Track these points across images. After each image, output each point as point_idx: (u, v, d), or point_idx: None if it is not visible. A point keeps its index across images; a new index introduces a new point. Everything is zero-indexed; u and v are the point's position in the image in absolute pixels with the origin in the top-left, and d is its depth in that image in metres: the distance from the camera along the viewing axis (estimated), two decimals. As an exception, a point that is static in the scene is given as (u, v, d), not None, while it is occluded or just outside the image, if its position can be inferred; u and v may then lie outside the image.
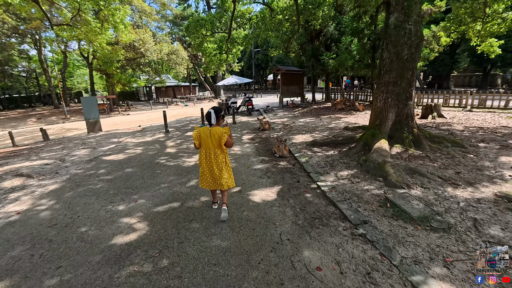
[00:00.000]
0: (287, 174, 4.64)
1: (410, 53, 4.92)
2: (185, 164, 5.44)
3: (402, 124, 5.24)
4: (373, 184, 3.94)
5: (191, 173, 4.86)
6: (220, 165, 3.06)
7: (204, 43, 12.13)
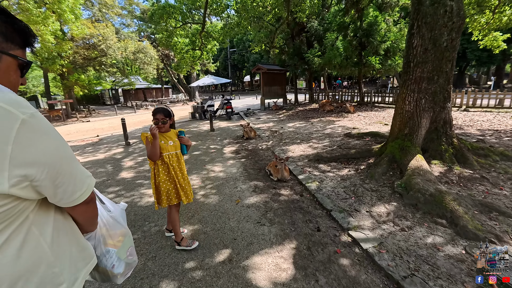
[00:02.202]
0: (296, 213, 3.13)
1: (451, 39, 3.66)
2: (143, 201, 3.72)
3: (439, 133, 3.98)
4: (436, 232, 2.56)
5: (150, 219, 3.17)
6: None
7: (174, 37, 10.31)
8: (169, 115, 2.29)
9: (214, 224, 2.96)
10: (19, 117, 0.55)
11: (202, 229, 2.87)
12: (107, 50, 18.52)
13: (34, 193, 0.62)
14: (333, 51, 11.62)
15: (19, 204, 0.61)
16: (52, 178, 0.63)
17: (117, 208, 1.14)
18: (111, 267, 0.99)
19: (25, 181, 0.58)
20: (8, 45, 0.64)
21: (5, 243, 0.60)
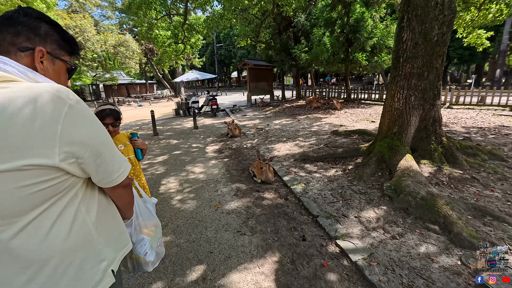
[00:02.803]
0: (280, 220, 2.88)
1: (441, 33, 3.49)
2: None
3: (428, 132, 3.83)
4: (429, 239, 2.38)
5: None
6: None
7: (155, 30, 9.77)
8: (119, 117, 1.92)
9: (189, 234, 2.66)
10: (67, 103, 0.63)
11: (175, 241, 2.57)
12: (85, 43, 17.51)
13: (80, 170, 0.69)
14: (320, 47, 11.44)
15: (68, 179, 0.68)
16: (94, 157, 0.69)
17: (150, 201, 1.20)
18: (144, 254, 1.07)
19: (72, 157, 0.64)
20: (60, 52, 0.79)
21: (58, 219, 0.67)
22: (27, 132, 0.58)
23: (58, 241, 0.67)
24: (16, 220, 0.62)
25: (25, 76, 0.68)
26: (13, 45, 0.70)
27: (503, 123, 6.93)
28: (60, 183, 0.66)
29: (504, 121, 7.27)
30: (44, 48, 0.74)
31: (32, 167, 0.60)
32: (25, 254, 0.63)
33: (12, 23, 0.70)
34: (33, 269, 0.64)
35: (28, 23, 0.72)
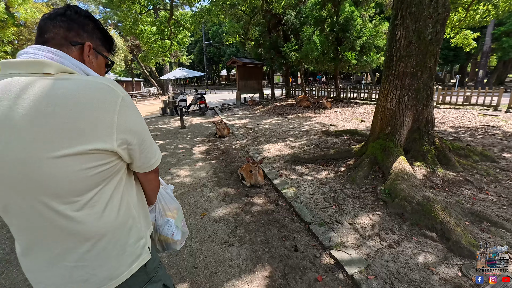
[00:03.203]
0: (271, 228, 2.70)
1: (435, 32, 3.40)
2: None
3: (421, 133, 3.75)
4: (426, 247, 2.26)
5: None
6: None
7: (139, 25, 9.35)
8: None
9: (171, 246, 2.44)
10: (120, 95, 0.70)
11: (156, 254, 2.34)
12: (67, 38, 16.70)
13: (128, 155, 0.76)
14: (310, 45, 11.35)
15: (118, 163, 0.75)
16: (139, 144, 0.77)
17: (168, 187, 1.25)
18: (171, 235, 1.13)
19: (125, 144, 0.72)
20: (102, 48, 0.87)
21: (110, 199, 0.74)
22: (91, 120, 0.65)
23: (111, 219, 0.75)
24: (79, 198, 0.68)
25: (77, 68, 0.74)
26: (66, 39, 0.76)
27: (488, 123, 7.03)
28: (112, 166, 0.73)
29: (490, 120, 7.39)
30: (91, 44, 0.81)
31: (96, 151, 0.66)
32: (85, 229, 0.70)
33: (65, 19, 0.76)
34: (91, 242, 0.72)
35: (78, 20, 0.79)
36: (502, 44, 16.39)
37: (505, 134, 5.70)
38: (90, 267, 0.74)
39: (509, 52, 16.50)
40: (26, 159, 0.62)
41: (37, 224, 0.69)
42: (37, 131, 0.61)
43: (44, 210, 0.67)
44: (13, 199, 0.67)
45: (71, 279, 0.73)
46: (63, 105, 0.62)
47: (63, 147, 0.62)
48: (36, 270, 0.75)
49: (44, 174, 0.63)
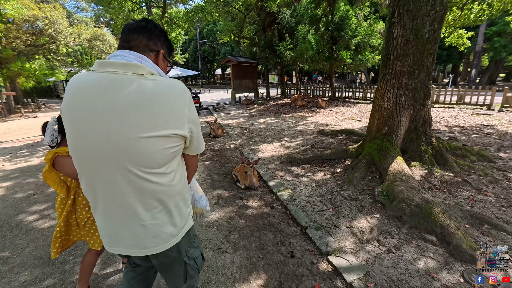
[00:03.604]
0: (266, 233, 2.60)
1: (433, 30, 3.34)
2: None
3: (418, 133, 3.69)
4: (427, 252, 2.19)
5: (77, 251, 2.43)
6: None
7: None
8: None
9: (162, 254, 2.32)
10: (188, 94, 0.91)
11: (145, 262, 2.22)
12: (57, 36, 16.32)
13: (189, 141, 0.98)
14: (305, 44, 11.27)
15: (183, 145, 0.98)
16: (197, 132, 0.99)
17: None
18: (205, 206, 1.44)
19: (190, 131, 0.94)
20: (167, 55, 1.06)
21: (177, 172, 0.99)
22: (172, 112, 0.87)
23: (176, 187, 0.98)
24: (159, 169, 0.90)
25: (155, 70, 0.91)
26: (147, 46, 0.95)
27: (483, 122, 7.05)
28: (180, 148, 0.95)
29: (484, 120, 7.42)
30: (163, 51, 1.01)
31: (174, 135, 0.89)
32: (161, 191, 0.93)
33: (147, 31, 0.96)
34: (162, 203, 0.95)
35: (155, 32, 0.98)
36: (494, 44, 16.60)
37: (500, 133, 5.71)
38: (160, 225, 0.96)
39: (501, 52, 16.72)
40: (126, 138, 0.82)
41: (123, 190, 0.89)
42: (135, 118, 0.81)
43: (134, 178, 0.87)
44: (110, 169, 0.86)
45: (146, 235, 0.95)
46: (154, 100, 0.83)
47: (153, 131, 0.83)
48: (115, 230, 0.96)
49: (138, 149, 0.84)
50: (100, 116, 0.82)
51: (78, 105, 0.84)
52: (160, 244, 0.97)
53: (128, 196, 0.89)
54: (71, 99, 0.86)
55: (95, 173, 0.89)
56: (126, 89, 0.82)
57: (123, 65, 0.84)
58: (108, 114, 0.81)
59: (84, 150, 0.87)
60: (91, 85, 0.84)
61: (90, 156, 0.87)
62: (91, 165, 0.89)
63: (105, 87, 0.82)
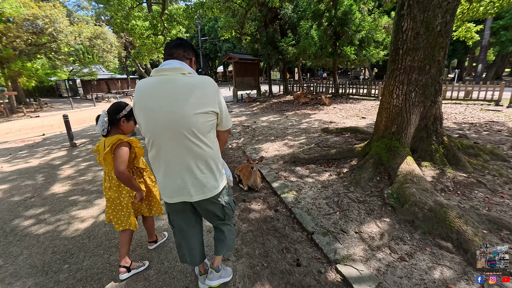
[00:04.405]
0: (270, 239, 2.47)
1: (445, 22, 3.16)
2: (71, 229, 2.82)
3: (429, 131, 3.53)
4: (442, 260, 2.04)
5: (72, 259, 2.32)
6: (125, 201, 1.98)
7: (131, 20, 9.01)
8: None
9: (161, 263, 2.20)
10: (216, 85, 1.38)
11: (143, 272, 2.10)
12: (57, 35, 16.22)
13: (219, 117, 1.44)
14: (308, 40, 11.05)
15: (215, 120, 1.43)
16: (224, 112, 1.45)
17: None
18: (229, 175, 1.69)
19: (219, 110, 1.39)
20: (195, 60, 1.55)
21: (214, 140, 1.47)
22: (208, 96, 1.33)
23: (215, 150, 1.47)
24: (205, 139, 1.38)
25: (191, 70, 1.39)
26: (184, 56, 1.45)
27: (492, 119, 6.85)
28: (214, 121, 1.42)
29: (493, 116, 7.20)
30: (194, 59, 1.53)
31: (211, 112, 1.35)
32: (206, 153, 1.40)
33: (182, 46, 1.46)
34: (208, 162, 1.42)
35: (188, 46, 1.49)
36: (501, 38, 16.21)
37: (511, 130, 5.51)
38: (207, 177, 1.43)
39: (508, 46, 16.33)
40: (184, 115, 1.27)
41: (182, 152, 1.35)
42: (187, 100, 1.27)
43: (189, 143, 1.34)
44: (173, 138, 1.32)
45: (198, 185, 1.42)
46: (196, 89, 1.29)
47: (199, 108, 1.29)
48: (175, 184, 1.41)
49: (191, 122, 1.29)
50: (164, 102, 1.28)
51: (148, 96, 1.30)
52: (207, 192, 1.46)
53: (185, 157, 1.37)
54: (142, 92, 1.32)
55: (162, 142, 1.35)
56: (177, 83, 1.29)
57: (172, 69, 1.33)
58: (169, 100, 1.28)
59: (155, 126, 1.32)
60: (155, 83, 1.30)
61: (159, 130, 1.32)
62: (160, 136, 1.34)
63: (165, 83, 1.29)
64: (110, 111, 1.85)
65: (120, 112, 1.86)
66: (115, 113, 1.85)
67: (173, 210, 1.58)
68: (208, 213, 1.59)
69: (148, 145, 1.40)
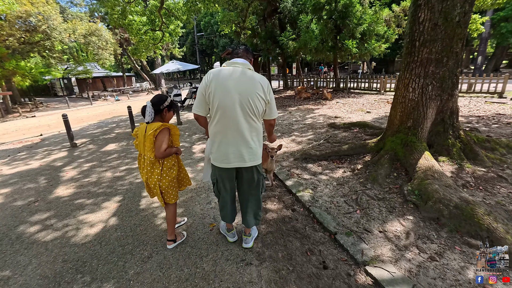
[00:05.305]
0: (292, 240, 2.38)
1: (463, 12, 3.05)
2: (80, 235, 2.70)
3: (445, 125, 3.44)
4: (474, 260, 1.96)
5: (86, 268, 2.20)
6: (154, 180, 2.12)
7: (128, 15, 8.77)
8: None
9: (180, 269, 2.09)
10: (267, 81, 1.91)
11: (163, 279, 1.99)
12: (51, 32, 15.81)
13: (267, 107, 1.90)
14: (309, 34, 10.89)
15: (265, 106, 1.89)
16: (271, 102, 1.91)
17: None
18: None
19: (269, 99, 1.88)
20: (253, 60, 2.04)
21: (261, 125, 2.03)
22: (263, 87, 1.81)
23: (262, 127, 1.99)
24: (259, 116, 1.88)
25: (251, 68, 1.88)
26: (246, 56, 1.93)
27: (498, 111, 6.80)
28: (264, 106, 1.86)
29: (498, 108, 7.16)
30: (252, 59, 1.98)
31: (263, 99, 1.83)
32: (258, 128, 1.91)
33: (247, 50, 1.97)
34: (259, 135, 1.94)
35: (248, 50, 1.97)
36: (501, 30, 16.14)
37: (520, 122, 5.46)
38: (257, 147, 1.93)
39: (508, 38, 16.28)
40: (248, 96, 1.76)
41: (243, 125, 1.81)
42: (253, 87, 1.77)
43: (249, 119, 1.82)
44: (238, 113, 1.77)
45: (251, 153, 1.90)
46: (256, 79, 1.80)
47: (258, 95, 1.78)
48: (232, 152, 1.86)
49: (254, 102, 1.78)
50: (239, 85, 1.75)
51: (226, 79, 1.75)
52: (257, 160, 1.94)
53: (245, 129, 1.82)
54: (221, 76, 1.76)
55: (229, 116, 1.77)
56: (247, 74, 1.79)
57: (242, 64, 1.84)
58: (242, 84, 1.75)
59: (225, 103, 1.75)
60: (230, 70, 1.78)
61: (230, 106, 1.75)
62: (228, 111, 1.76)
63: (238, 72, 1.78)
64: (155, 102, 2.07)
65: (163, 103, 2.09)
66: (159, 104, 2.08)
67: (224, 177, 1.99)
68: (250, 181, 2.02)
69: (214, 119, 1.84)
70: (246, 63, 1.85)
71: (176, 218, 2.47)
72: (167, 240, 2.36)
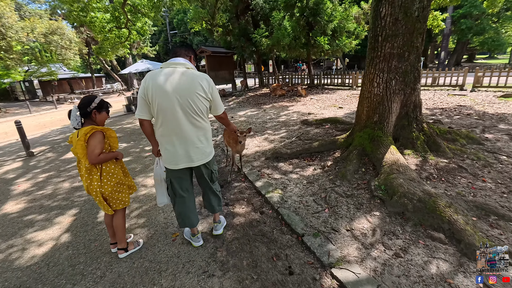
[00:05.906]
0: (258, 245, 2.27)
1: (422, 7, 3.09)
2: (26, 256, 2.41)
3: (409, 119, 3.51)
4: (437, 253, 1.98)
5: (29, 291, 1.95)
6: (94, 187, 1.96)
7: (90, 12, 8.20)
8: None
9: (135, 286, 1.91)
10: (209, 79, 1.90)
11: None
12: (6, 31, 14.50)
13: (211, 104, 1.95)
14: (281, 31, 10.85)
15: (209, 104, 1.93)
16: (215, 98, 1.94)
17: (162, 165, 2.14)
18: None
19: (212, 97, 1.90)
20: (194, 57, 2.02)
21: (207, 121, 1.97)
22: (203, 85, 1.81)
23: (209, 129, 1.99)
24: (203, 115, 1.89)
25: (191, 66, 1.85)
26: (186, 54, 1.91)
27: (459, 103, 7.17)
28: (207, 105, 1.90)
29: (460, 100, 7.55)
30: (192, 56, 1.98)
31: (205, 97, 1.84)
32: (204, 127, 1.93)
33: (186, 46, 1.96)
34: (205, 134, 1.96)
35: (188, 47, 1.97)
36: (461, 26, 17.17)
37: (478, 113, 5.77)
38: (204, 147, 1.96)
39: (467, 34, 17.35)
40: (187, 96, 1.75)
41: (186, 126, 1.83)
42: (192, 87, 1.76)
43: (192, 119, 1.83)
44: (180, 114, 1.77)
45: (198, 153, 1.93)
46: (196, 79, 1.78)
47: (199, 94, 1.79)
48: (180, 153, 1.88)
49: (194, 103, 1.79)
50: (177, 87, 1.73)
51: (164, 81, 1.72)
52: (205, 158, 1.98)
53: (189, 130, 1.84)
54: (158, 79, 1.73)
55: (171, 119, 1.78)
56: (185, 74, 1.77)
57: (178, 64, 1.81)
58: (180, 86, 1.74)
59: (164, 106, 1.74)
60: (168, 72, 1.76)
61: (169, 109, 1.75)
62: (168, 115, 1.76)
63: (177, 73, 1.76)
64: (81, 105, 1.91)
65: (90, 104, 1.92)
66: (85, 106, 1.90)
67: (175, 176, 1.97)
68: (202, 176, 2.07)
69: (157, 123, 1.82)
70: (185, 62, 1.84)
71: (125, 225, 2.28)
72: (118, 249, 2.22)
